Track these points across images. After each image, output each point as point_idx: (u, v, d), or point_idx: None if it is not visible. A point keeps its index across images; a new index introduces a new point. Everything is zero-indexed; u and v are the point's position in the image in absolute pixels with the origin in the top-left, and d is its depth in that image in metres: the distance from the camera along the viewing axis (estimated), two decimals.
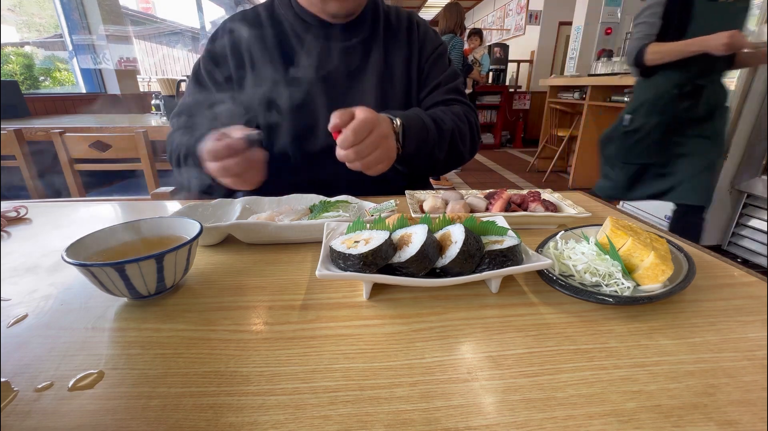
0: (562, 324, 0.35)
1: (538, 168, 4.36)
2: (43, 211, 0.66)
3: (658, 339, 0.33)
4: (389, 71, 0.81)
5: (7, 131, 1.47)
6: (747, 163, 2.01)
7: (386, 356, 0.31)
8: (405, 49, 0.83)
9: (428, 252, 0.37)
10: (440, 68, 0.86)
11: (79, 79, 3.27)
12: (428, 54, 0.85)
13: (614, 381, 0.28)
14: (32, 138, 1.64)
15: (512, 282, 0.42)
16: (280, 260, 0.47)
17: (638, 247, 0.39)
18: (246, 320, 0.35)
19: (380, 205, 0.55)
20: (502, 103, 5.48)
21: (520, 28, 6.70)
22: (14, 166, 1.52)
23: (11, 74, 3.10)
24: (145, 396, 0.27)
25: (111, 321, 0.35)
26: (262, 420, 0.25)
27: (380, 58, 0.80)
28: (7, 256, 0.49)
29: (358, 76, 0.79)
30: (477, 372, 0.29)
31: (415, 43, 0.83)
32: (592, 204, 0.69)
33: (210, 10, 4.67)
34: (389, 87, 0.80)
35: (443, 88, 0.85)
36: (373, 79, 0.79)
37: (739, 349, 0.32)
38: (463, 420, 0.25)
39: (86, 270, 0.33)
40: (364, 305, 0.38)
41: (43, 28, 3.44)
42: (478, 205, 0.58)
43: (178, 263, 0.37)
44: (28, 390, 0.27)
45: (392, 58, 0.81)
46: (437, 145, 0.75)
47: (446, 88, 0.85)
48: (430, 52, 0.85)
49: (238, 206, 0.58)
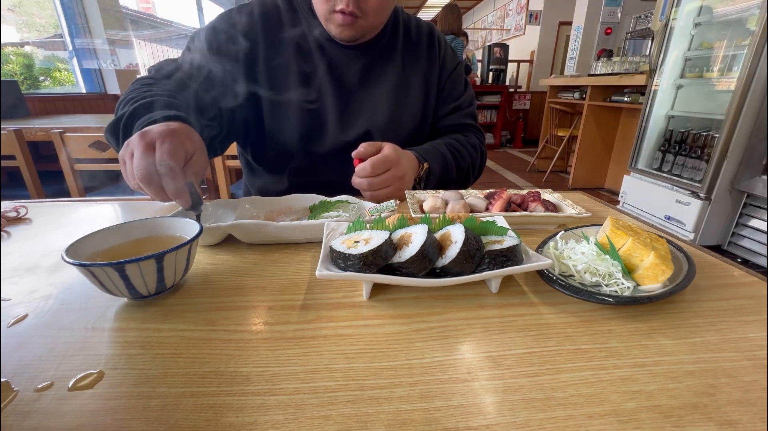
0: (562, 324, 0.35)
1: (538, 168, 4.36)
2: (43, 210, 0.66)
3: (658, 339, 0.33)
4: (405, 82, 0.80)
5: (7, 131, 1.47)
6: (747, 163, 2.01)
7: (386, 356, 0.31)
8: (424, 62, 0.83)
9: (428, 252, 0.37)
10: (459, 88, 0.88)
11: (79, 79, 3.27)
12: (449, 71, 0.86)
13: (614, 381, 0.28)
14: (32, 138, 1.64)
15: (512, 282, 0.42)
16: (280, 260, 0.47)
17: (638, 247, 0.39)
18: (246, 320, 0.35)
19: (380, 205, 0.55)
20: (502, 103, 5.48)
21: (520, 28, 6.70)
22: (14, 166, 1.52)
23: (11, 74, 3.10)
24: (145, 396, 0.27)
25: (111, 321, 0.35)
26: (262, 420, 0.25)
27: (397, 67, 0.80)
28: (7, 256, 0.49)
29: (372, 84, 0.79)
30: (477, 372, 0.29)
31: (436, 58, 0.84)
32: (592, 204, 0.69)
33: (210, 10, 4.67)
34: (404, 97, 0.80)
35: (463, 112, 0.88)
36: (388, 88, 0.79)
37: (739, 349, 0.32)
38: (463, 420, 0.25)
39: (86, 270, 0.33)
40: (364, 305, 0.38)
41: (43, 28, 3.45)
42: (478, 205, 0.58)
43: (178, 263, 0.37)
44: (28, 390, 0.27)
45: (409, 69, 0.81)
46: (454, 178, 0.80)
47: (466, 112, 0.88)
48: (450, 69, 0.86)
49: (238, 206, 0.58)
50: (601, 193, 3.57)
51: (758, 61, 1.86)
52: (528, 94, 5.88)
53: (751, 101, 1.92)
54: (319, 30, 0.75)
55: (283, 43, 0.74)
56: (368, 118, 0.77)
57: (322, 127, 0.77)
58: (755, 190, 1.98)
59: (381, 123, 0.78)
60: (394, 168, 0.65)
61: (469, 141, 0.86)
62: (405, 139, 0.80)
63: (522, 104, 5.83)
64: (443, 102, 0.86)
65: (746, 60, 1.89)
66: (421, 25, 0.86)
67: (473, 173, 0.88)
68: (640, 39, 3.73)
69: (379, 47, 0.79)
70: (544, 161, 4.25)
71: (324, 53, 0.75)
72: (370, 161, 0.62)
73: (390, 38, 0.80)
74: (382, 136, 0.75)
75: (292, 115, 0.75)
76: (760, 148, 1.97)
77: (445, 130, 0.87)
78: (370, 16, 0.69)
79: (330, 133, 0.77)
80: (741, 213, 2.10)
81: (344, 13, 0.66)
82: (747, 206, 2.08)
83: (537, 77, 6.07)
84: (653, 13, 2.61)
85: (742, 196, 2.08)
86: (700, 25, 2.32)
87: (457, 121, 0.87)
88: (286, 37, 0.75)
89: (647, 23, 3.63)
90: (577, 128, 3.59)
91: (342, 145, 0.76)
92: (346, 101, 0.77)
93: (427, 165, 0.73)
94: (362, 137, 0.76)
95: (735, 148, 2.01)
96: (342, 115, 0.77)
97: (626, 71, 3.19)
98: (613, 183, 3.54)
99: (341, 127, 0.77)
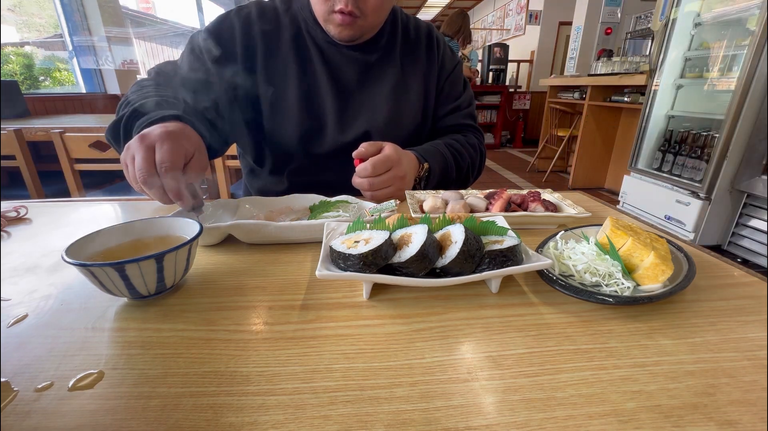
0: (562, 324, 0.35)
1: (538, 168, 4.36)
2: (43, 211, 0.66)
3: (658, 339, 0.33)
4: (404, 82, 0.81)
5: (7, 131, 1.47)
6: (747, 163, 2.01)
7: (386, 356, 0.31)
8: (423, 62, 0.83)
9: (428, 252, 0.37)
10: (458, 88, 0.88)
11: (79, 79, 3.27)
12: (448, 72, 0.86)
13: (614, 381, 0.28)
14: (32, 138, 1.64)
15: (512, 282, 0.42)
16: (280, 260, 0.47)
17: (638, 247, 0.39)
18: (246, 320, 0.35)
19: (380, 205, 0.55)
20: (502, 103, 5.48)
21: (520, 28, 6.70)
22: (14, 166, 1.52)
23: (11, 74, 3.10)
24: (145, 396, 0.27)
25: (111, 321, 0.35)
26: (262, 420, 0.25)
27: (396, 70, 0.80)
28: (7, 256, 0.49)
29: (371, 84, 0.79)
30: (477, 372, 0.29)
31: (435, 59, 0.84)
32: (592, 204, 0.69)
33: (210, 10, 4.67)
34: (403, 98, 0.80)
35: (462, 112, 0.88)
36: (387, 88, 0.79)
37: (739, 349, 0.32)
38: (463, 420, 0.25)
39: (86, 270, 0.33)
40: (364, 305, 0.38)
41: (43, 28, 3.45)
42: (478, 205, 0.58)
43: (178, 263, 0.37)
44: (28, 390, 0.27)
45: (408, 69, 0.81)
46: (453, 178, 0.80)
47: (465, 112, 0.89)
48: (449, 70, 0.86)
49: (238, 206, 0.58)
50: (601, 193, 3.57)
51: (758, 61, 1.86)
52: (528, 94, 5.88)
53: (751, 101, 1.92)
54: (318, 31, 0.75)
55: (281, 44, 0.74)
56: (367, 118, 0.78)
57: (322, 128, 0.77)
58: (755, 190, 1.98)
59: (380, 123, 0.78)
60: (395, 168, 0.65)
61: (469, 141, 0.86)
62: (404, 139, 0.80)
63: (522, 104, 5.83)
64: (442, 102, 0.87)
65: (746, 60, 1.89)
66: (420, 25, 0.86)
67: (473, 173, 0.88)
68: (640, 39, 3.73)
69: (378, 47, 0.79)
70: (544, 161, 4.25)
71: (323, 54, 0.75)
72: (371, 161, 0.63)
73: (389, 38, 0.80)
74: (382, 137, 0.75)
75: (291, 115, 0.75)
76: (760, 148, 1.97)
77: (444, 130, 0.88)
78: (369, 16, 0.69)
79: (329, 134, 0.77)
80: (741, 213, 2.10)
81: (343, 13, 0.66)
82: (747, 206, 2.08)
83: (537, 77, 6.07)
84: (653, 13, 2.61)
85: (742, 195, 2.08)
86: (700, 25, 2.32)
87: (457, 122, 0.88)
88: (284, 38, 0.74)
89: (647, 23, 3.63)
90: (577, 128, 3.60)
91: (341, 146, 0.76)
92: (345, 102, 0.77)
93: (427, 165, 0.73)
94: (361, 138, 0.76)
95: (735, 148, 2.01)
96: (341, 116, 0.77)
97: (626, 71, 3.19)
98: (613, 183, 3.54)
99: (340, 127, 0.77)
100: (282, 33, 0.75)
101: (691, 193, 2.21)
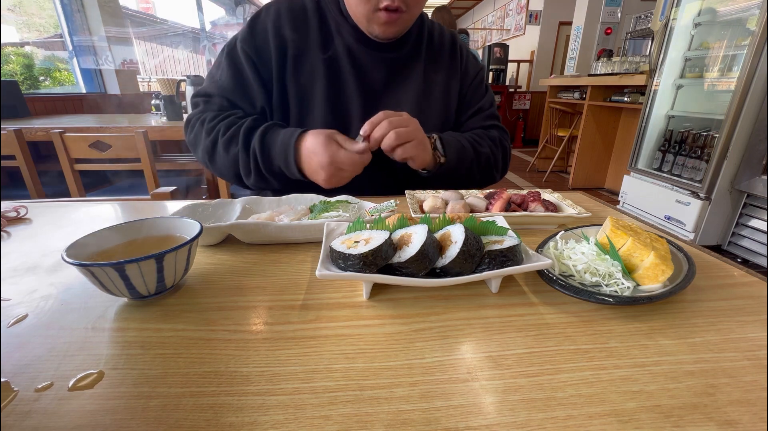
0: (562, 324, 0.35)
1: (538, 168, 4.36)
2: (43, 211, 0.66)
3: (658, 339, 0.33)
4: (428, 88, 0.81)
5: (7, 131, 1.47)
6: (747, 163, 2.01)
7: (386, 356, 0.31)
8: (447, 69, 0.83)
9: (428, 252, 0.37)
10: (480, 93, 0.89)
11: (79, 79, 3.27)
12: (471, 79, 0.87)
13: (614, 381, 0.28)
14: (32, 138, 1.64)
15: (512, 282, 0.42)
16: (280, 260, 0.47)
17: (638, 247, 0.39)
18: (246, 320, 0.35)
19: (380, 205, 0.55)
20: (502, 103, 5.48)
21: (520, 28, 6.70)
22: (14, 166, 1.52)
23: (11, 74, 3.10)
24: (145, 396, 0.27)
25: (111, 321, 0.35)
26: (262, 420, 0.25)
27: (420, 73, 0.80)
28: (7, 256, 0.49)
29: (395, 88, 0.79)
30: (477, 372, 0.29)
31: (458, 66, 0.85)
32: (592, 204, 0.69)
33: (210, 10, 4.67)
34: (426, 103, 0.81)
35: (484, 113, 0.88)
36: (411, 93, 0.79)
37: (739, 349, 0.32)
38: (463, 420, 0.25)
39: (86, 270, 0.33)
40: (364, 305, 0.38)
41: (43, 28, 3.45)
42: (478, 205, 0.58)
43: (178, 263, 0.37)
44: (28, 390, 0.27)
45: (432, 76, 0.82)
46: (476, 161, 0.79)
47: (487, 113, 0.89)
48: (472, 76, 0.87)
49: (238, 206, 0.58)
50: (601, 193, 3.57)
51: (758, 61, 1.86)
52: (528, 94, 5.88)
53: (751, 101, 1.92)
54: (346, 29, 0.75)
55: (310, 43, 0.75)
56: None
57: (347, 129, 0.77)
58: (755, 190, 1.98)
59: None
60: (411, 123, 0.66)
61: (488, 134, 0.85)
62: None
63: (522, 104, 5.84)
64: (465, 108, 0.87)
65: (746, 60, 1.89)
66: (444, 32, 0.86)
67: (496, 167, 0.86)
68: (640, 39, 3.73)
69: (406, 51, 0.79)
70: (544, 161, 4.25)
71: (351, 54, 0.76)
72: (386, 120, 0.64)
73: (416, 40, 0.81)
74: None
75: (317, 115, 0.75)
76: (760, 148, 1.97)
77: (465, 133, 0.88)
78: (413, 8, 0.69)
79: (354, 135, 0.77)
80: (741, 213, 2.10)
81: (389, 10, 0.66)
82: (747, 206, 2.08)
83: (537, 77, 6.07)
84: (653, 13, 2.61)
85: (742, 196, 2.08)
86: (700, 25, 2.32)
87: (479, 124, 0.88)
88: (312, 38, 0.75)
89: (647, 23, 3.63)
90: (577, 128, 3.60)
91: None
92: (372, 103, 0.77)
93: (436, 135, 0.74)
94: None
95: (735, 148, 2.01)
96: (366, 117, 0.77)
97: (626, 71, 3.19)
98: (613, 183, 3.54)
99: None
100: (310, 33, 0.75)
101: (691, 192, 2.21)
